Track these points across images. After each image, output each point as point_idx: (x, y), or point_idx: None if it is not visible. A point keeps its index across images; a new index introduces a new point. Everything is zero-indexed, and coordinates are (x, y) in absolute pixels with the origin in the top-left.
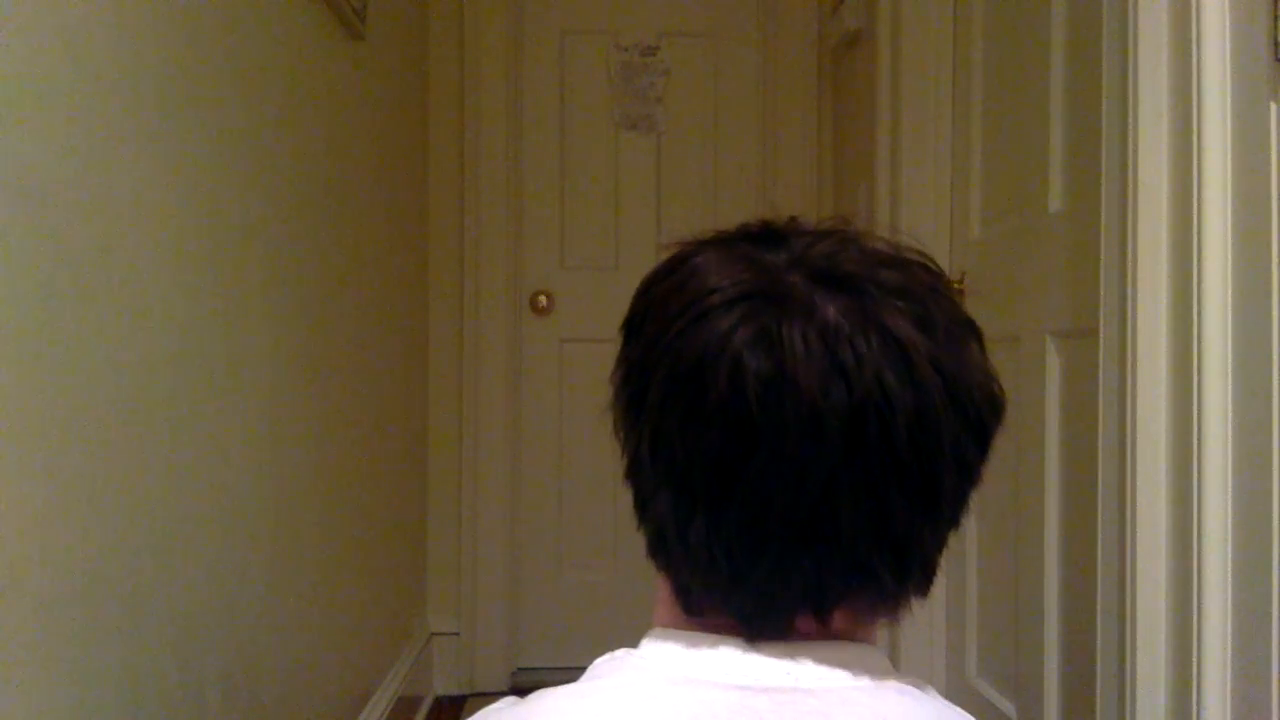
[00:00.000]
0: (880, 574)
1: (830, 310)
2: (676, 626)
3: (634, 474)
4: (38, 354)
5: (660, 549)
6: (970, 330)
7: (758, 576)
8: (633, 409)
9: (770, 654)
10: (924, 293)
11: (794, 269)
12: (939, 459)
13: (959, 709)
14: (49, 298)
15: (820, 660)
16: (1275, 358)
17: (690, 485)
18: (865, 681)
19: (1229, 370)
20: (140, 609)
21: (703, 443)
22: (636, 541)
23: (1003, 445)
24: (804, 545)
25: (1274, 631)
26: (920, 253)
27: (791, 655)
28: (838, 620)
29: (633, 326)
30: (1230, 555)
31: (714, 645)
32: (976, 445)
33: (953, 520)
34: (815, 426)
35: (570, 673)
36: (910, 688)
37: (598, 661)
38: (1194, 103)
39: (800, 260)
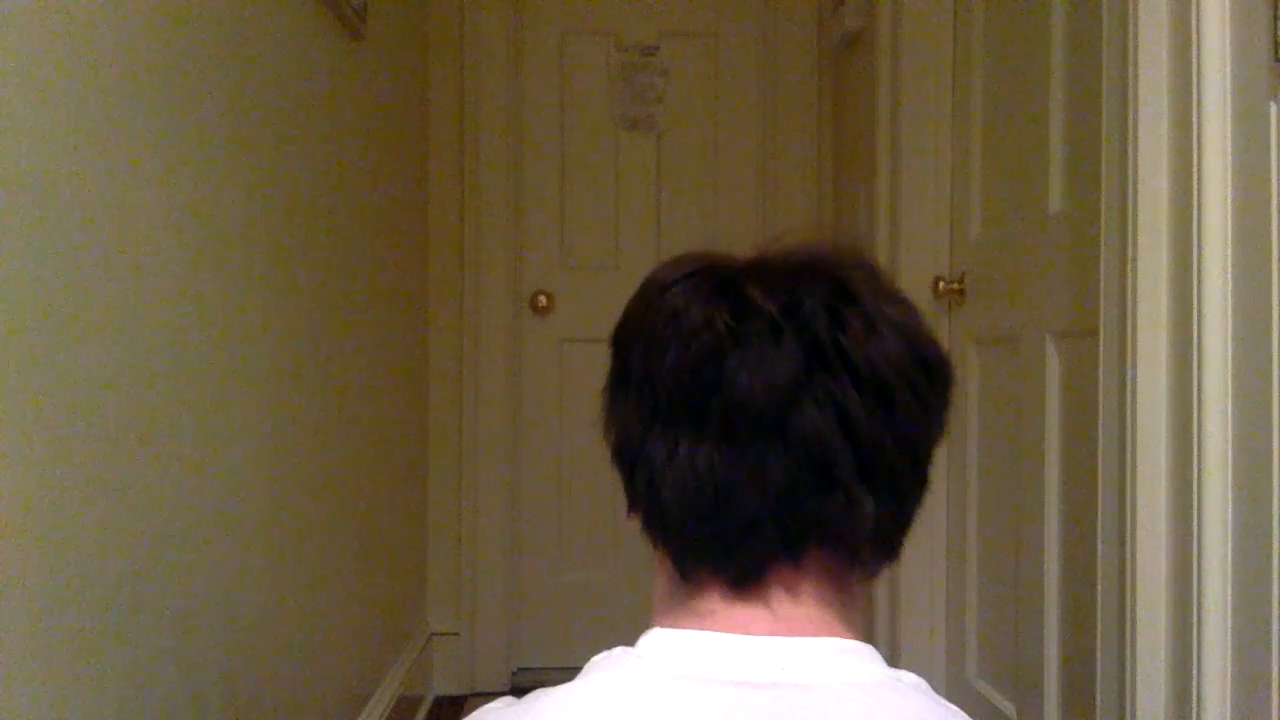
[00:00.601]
0: (848, 486)
1: (783, 275)
2: (674, 624)
3: (623, 447)
4: (37, 353)
5: (653, 507)
6: (912, 306)
7: (738, 490)
8: (619, 384)
9: (767, 648)
10: (871, 270)
11: (749, 264)
12: (892, 377)
13: (954, 707)
14: (49, 296)
15: (816, 656)
16: (1275, 358)
17: (673, 410)
18: (861, 677)
19: (1229, 370)
20: (139, 609)
21: (680, 364)
22: (636, 542)
23: (1003, 445)
24: (776, 450)
25: (1274, 632)
26: (866, 257)
27: (788, 650)
28: (813, 572)
29: (615, 338)
30: (1230, 555)
31: (711, 642)
32: (927, 380)
33: (919, 466)
34: (776, 336)
35: (570, 673)
36: (906, 685)
37: (594, 659)
38: (1194, 103)
39: (755, 260)
